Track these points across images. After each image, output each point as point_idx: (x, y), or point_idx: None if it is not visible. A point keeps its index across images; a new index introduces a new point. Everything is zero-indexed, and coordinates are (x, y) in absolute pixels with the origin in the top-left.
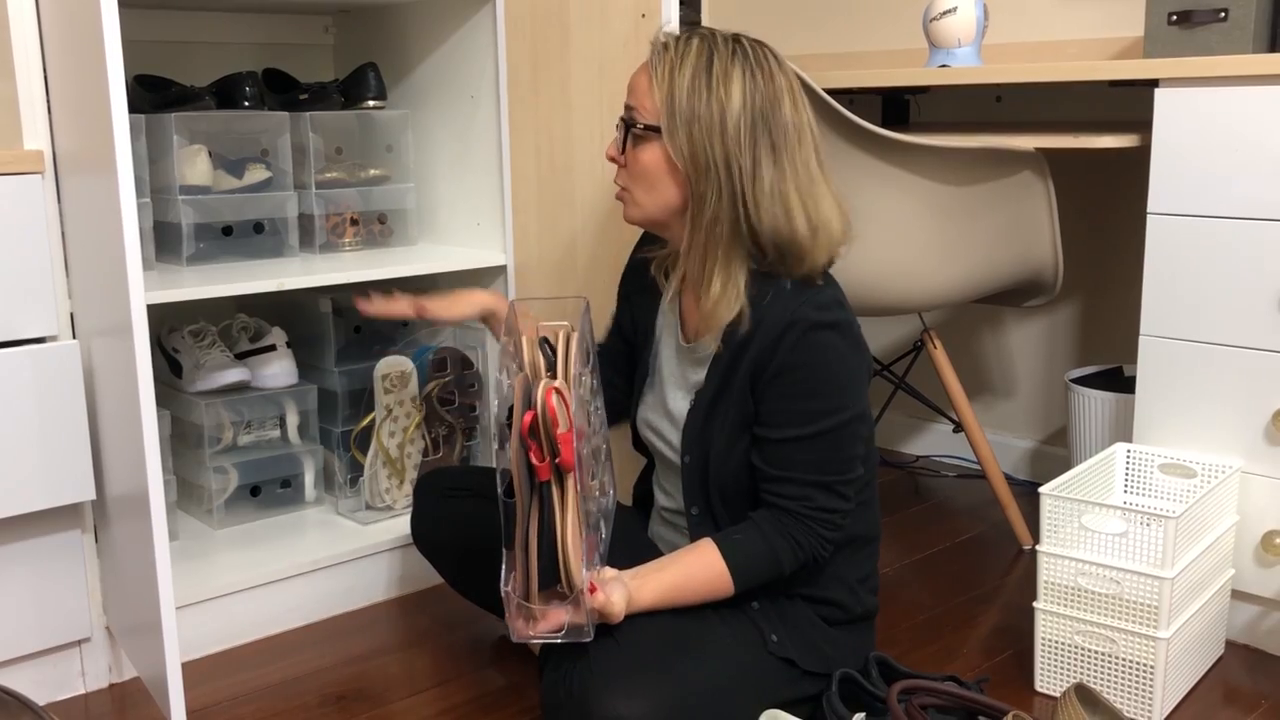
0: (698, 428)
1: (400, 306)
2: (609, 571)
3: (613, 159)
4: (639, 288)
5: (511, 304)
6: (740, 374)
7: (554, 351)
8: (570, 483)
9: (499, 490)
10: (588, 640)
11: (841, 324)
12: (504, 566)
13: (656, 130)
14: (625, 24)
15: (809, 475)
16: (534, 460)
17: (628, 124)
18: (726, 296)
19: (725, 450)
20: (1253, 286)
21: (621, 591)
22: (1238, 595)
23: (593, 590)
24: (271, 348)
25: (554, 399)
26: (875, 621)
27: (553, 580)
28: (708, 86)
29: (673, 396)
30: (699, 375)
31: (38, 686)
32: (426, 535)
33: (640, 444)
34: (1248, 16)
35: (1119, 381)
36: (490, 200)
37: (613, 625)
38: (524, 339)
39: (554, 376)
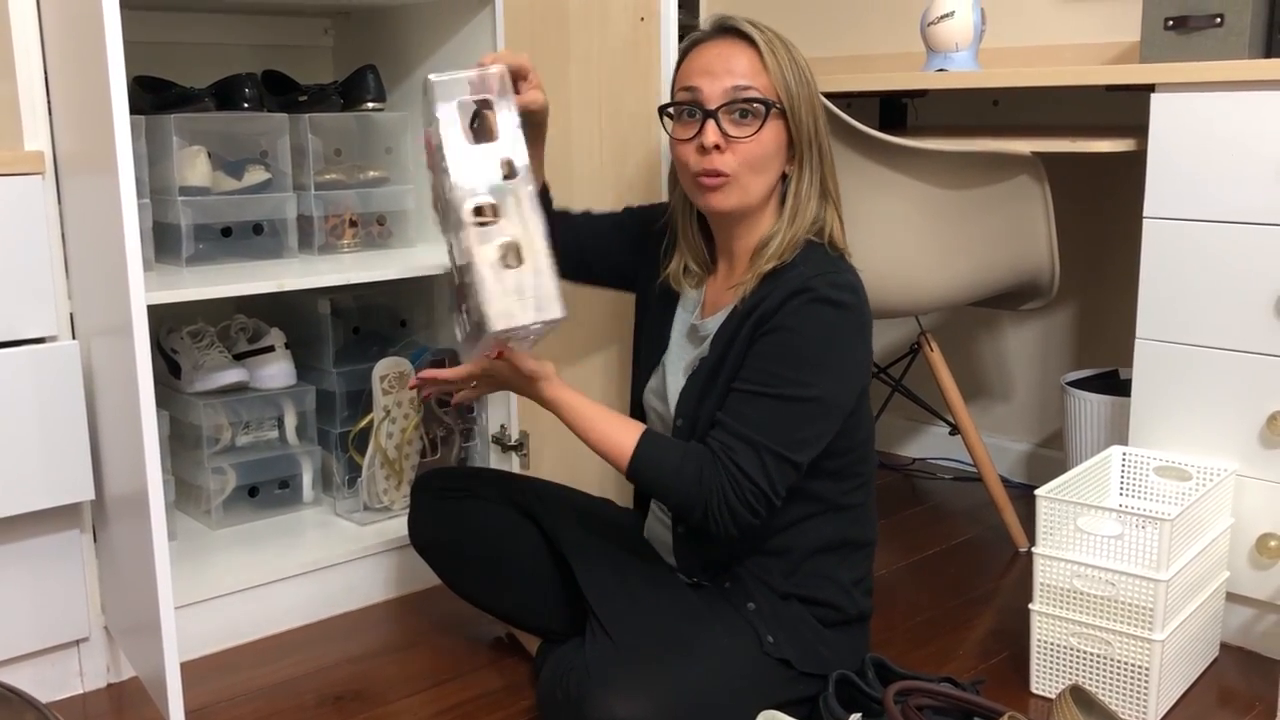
0: (696, 391)
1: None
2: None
3: (718, 145)
4: (656, 257)
5: (428, 80)
6: (742, 337)
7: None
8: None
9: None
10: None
11: (848, 306)
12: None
13: (779, 108)
14: (624, 26)
15: (744, 428)
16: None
17: (754, 103)
18: (785, 253)
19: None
20: (1248, 290)
21: (543, 366)
22: (1233, 598)
23: (500, 355)
24: (270, 348)
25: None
26: (870, 623)
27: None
28: (797, 64)
29: (677, 369)
30: (702, 349)
31: (36, 686)
32: (424, 536)
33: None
34: (1244, 22)
35: (1115, 385)
36: None
37: (608, 627)
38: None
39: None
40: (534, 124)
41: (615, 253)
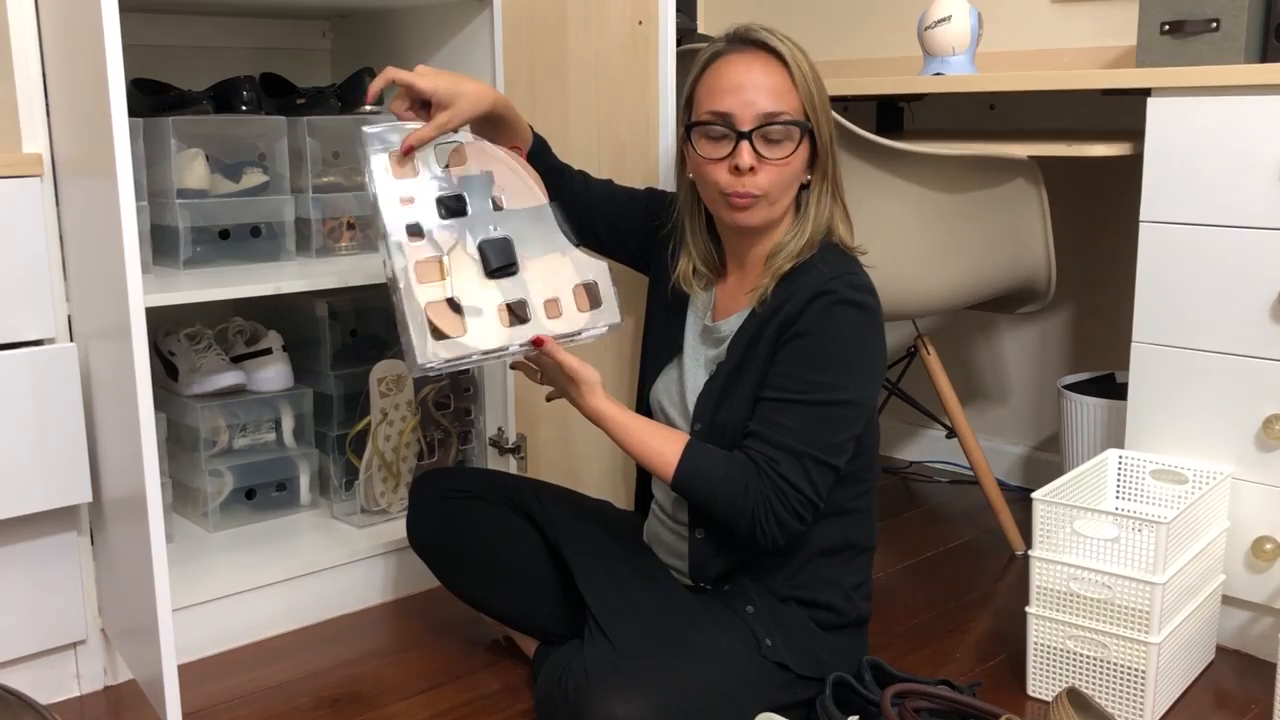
0: (715, 396)
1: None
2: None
3: (754, 168)
4: (665, 261)
5: (362, 131)
6: (765, 342)
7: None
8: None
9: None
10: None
11: (868, 307)
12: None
13: (808, 127)
14: (622, 30)
15: (783, 438)
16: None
17: (789, 125)
18: (801, 255)
19: (739, 420)
20: (1244, 294)
21: (586, 370)
22: (1228, 601)
23: (540, 343)
24: (267, 351)
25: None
26: (868, 627)
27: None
28: (816, 74)
29: (693, 372)
30: (719, 351)
31: (33, 688)
32: (423, 536)
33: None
34: (1239, 26)
35: (1111, 388)
36: None
37: (607, 629)
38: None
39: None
40: (487, 119)
41: (621, 221)
